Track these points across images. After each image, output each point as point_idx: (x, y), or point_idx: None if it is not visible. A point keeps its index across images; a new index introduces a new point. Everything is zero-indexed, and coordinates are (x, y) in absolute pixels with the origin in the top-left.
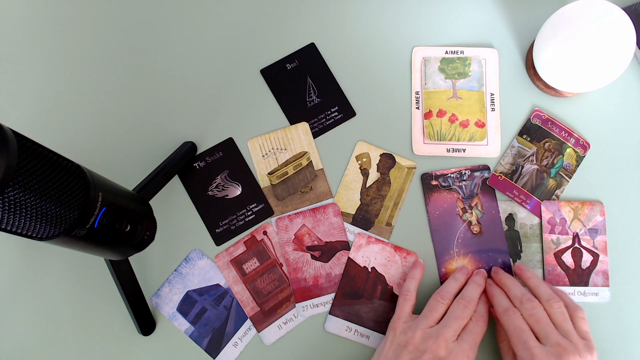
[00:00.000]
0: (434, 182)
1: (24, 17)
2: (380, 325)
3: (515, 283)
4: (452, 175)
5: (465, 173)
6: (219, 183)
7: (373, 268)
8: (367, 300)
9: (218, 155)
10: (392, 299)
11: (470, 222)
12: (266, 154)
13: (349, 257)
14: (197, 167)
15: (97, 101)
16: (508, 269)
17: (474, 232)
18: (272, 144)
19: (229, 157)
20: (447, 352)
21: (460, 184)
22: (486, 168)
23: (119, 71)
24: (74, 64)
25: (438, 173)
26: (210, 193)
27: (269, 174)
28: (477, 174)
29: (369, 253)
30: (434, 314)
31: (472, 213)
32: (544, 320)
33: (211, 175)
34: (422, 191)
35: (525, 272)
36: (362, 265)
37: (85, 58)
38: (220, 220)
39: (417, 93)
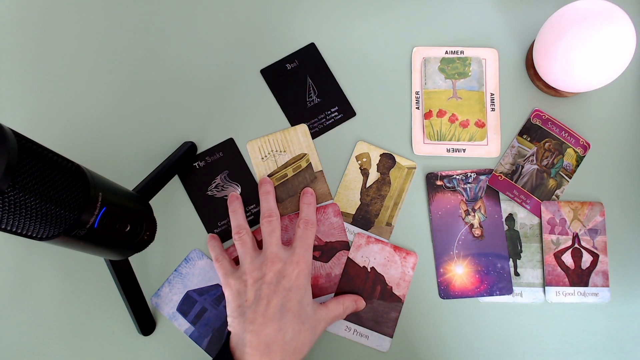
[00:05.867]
0: (438, 182)
1: (24, 17)
2: (380, 325)
3: None
4: (457, 177)
5: (470, 176)
6: (219, 183)
7: (372, 268)
8: (366, 300)
9: (218, 155)
10: (391, 298)
11: (472, 225)
12: (265, 156)
13: (348, 257)
14: (197, 167)
15: (97, 101)
16: (507, 275)
17: (475, 235)
18: (271, 146)
19: (229, 157)
20: (282, 263)
21: (465, 186)
22: (492, 172)
23: (119, 71)
24: (74, 64)
25: (444, 174)
26: (209, 193)
27: (269, 176)
28: (482, 177)
29: (369, 253)
30: (246, 250)
31: (474, 216)
32: None
33: (211, 175)
34: (426, 191)
35: None
36: (361, 265)
37: (86, 58)
38: (219, 220)
39: (417, 93)
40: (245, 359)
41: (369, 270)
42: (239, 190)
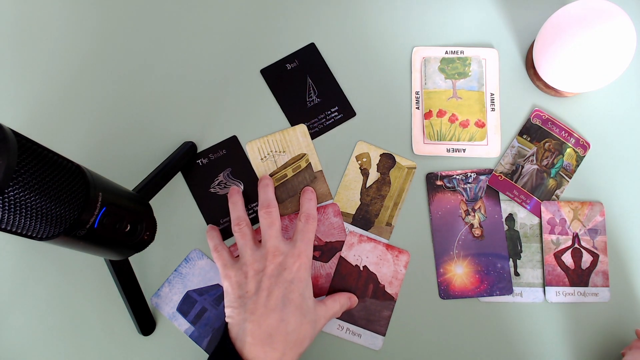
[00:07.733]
0: (438, 182)
1: (24, 17)
2: (372, 323)
3: None
4: (457, 177)
5: (470, 176)
6: (221, 181)
7: (365, 267)
8: (359, 298)
9: (221, 152)
10: (384, 297)
11: (472, 225)
12: (265, 156)
13: (340, 256)
14: (200, 164)
15: (97, 101)
16: (507, 275)
17: (475, 235)
18: (271, 146)
19: (232, 155)
20: (283, 256)
21: (465, 186)
22: (492, 172)
23: (120, 71)
24: (74, 64)
25: (443, 174)
26: (212, 190)
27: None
28: (482, 177)
29: (361, 252)
30: (246, 242)
31: (474, 216)
32: None
33: (214, 172)
34: (426, 191)
35: None
36: (353, 264)
37: (85, 58)
38: (221, 218)
39: (417, 93)
40: (246, 349)
41: (361, 268)
42: (242, 188)
